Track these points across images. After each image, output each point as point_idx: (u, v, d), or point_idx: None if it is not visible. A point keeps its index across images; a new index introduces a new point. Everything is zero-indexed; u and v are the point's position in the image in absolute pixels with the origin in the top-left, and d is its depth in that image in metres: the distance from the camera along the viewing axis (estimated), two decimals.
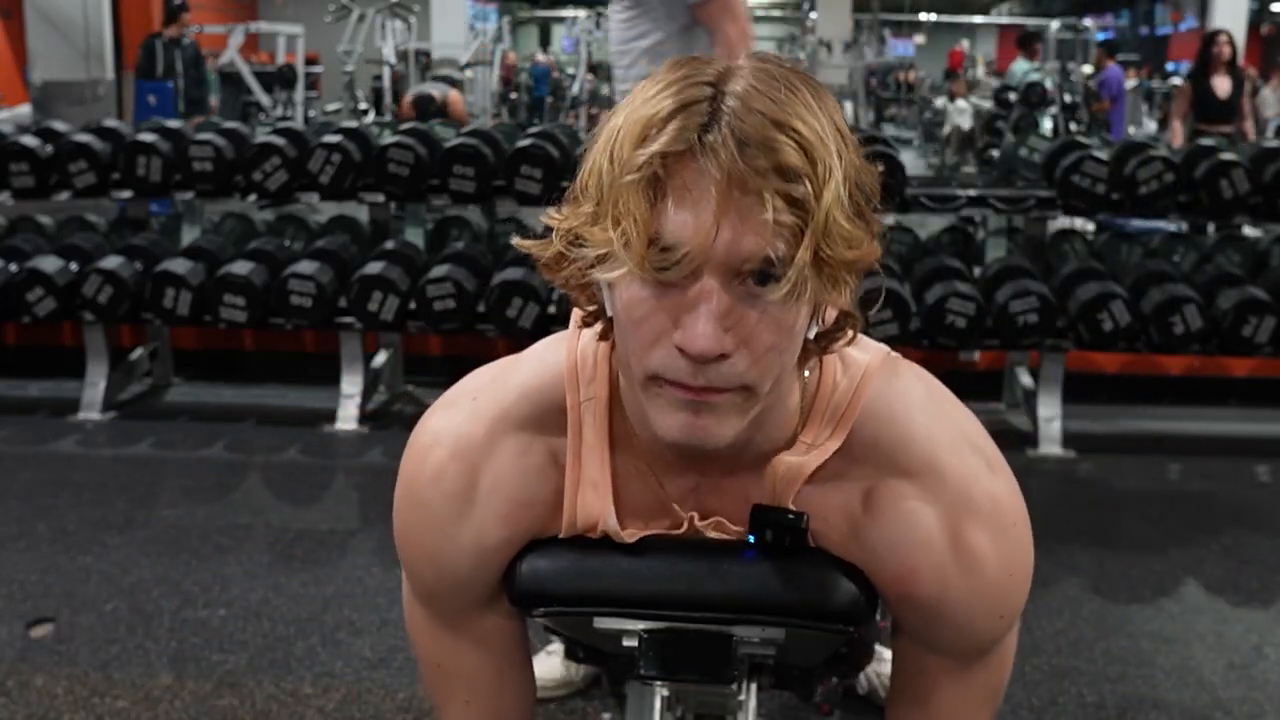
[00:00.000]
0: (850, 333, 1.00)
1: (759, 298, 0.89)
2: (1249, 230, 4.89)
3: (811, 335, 0.98)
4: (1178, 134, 7.16)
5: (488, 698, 1.22)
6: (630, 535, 1.11)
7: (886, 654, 2.33)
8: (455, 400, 1.14)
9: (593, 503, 1.10)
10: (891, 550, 1.07)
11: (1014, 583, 1.09)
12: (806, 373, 1.05)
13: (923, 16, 24.02)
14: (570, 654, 2.22)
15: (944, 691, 1.16)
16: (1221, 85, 6.95)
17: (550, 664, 2.34)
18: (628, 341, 0.95)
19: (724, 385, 0.92)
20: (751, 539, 1.08)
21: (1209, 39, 7.14)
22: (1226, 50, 6.94)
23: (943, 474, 1.06)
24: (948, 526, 1.05)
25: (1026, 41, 11.05)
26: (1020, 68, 10.78)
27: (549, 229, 0.97)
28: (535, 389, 1.10)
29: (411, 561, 1.17)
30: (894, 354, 1.12)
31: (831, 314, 0.99)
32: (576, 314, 1.09)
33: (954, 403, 1.14)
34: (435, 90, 7.21)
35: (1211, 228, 4.97)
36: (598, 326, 1.03)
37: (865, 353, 1.09)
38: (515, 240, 1.01)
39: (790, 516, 1.06)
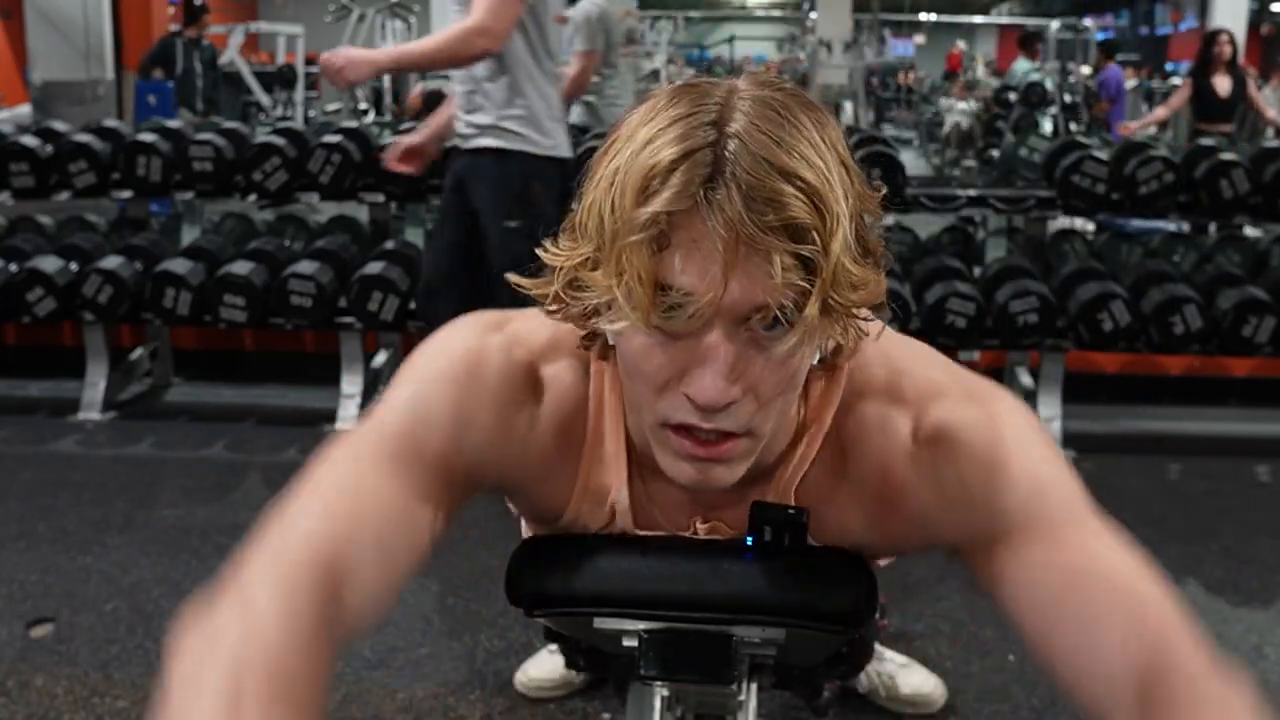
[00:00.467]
0: (851, 350, 0.98)
1: (766, 346, 0.89)
2: (1249, 230, 4.89)
3: (815, 361, 0.97)
4: (1157, 115, 7.21)
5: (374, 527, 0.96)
6: (639, 518, 1.10)
7: (887, 654, 2.33)
8: (508, 314, 1.08)
9: (601, 478, 1.08)
10: (864, 472, 1.03)
11: (1012, 430, 0.98)
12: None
13: (923, 16, 24.02)
14: (571, 664, 2.23)
15: (1047, 571, 0.94)
16: (1222, 84, 6.96)
17: (551, 664, 2.34)
18: (634, 386, 0.95)
19: (731, 429, 0.92)
20: (749, 539, 1.08)
21: (1210, 38, 7.15)
22: (1227, 50, 6.94)
23: (908, 374, 1.04)
24: (914, 417, 1.02)
25: (1028, 42, 11.04)
26: (1021, 67, 10.78)
27: (547, 266, 0.94)
28: (573, 333, 1.05)
29: (433, 410, 1.00)
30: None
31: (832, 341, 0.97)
32: None
33: (917, 343, 1.12)
34: (445, 87, 7.20)
35: (1213, 227, 4.95)
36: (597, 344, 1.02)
37: None
38: (512, 278, 0.98)
39: (790, 512, 1.06)
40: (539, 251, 0.95)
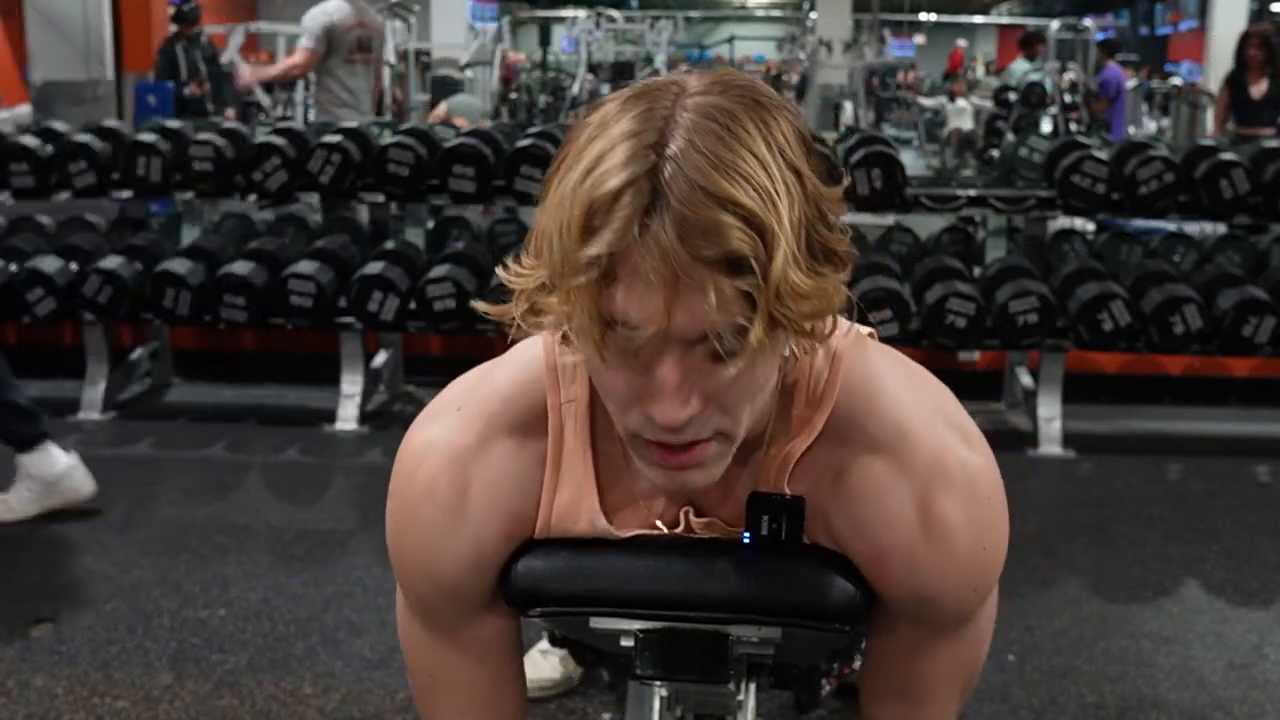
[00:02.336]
0: (828, 330, 0.98)
1: (720, 363, 0.90)
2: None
3: (785, 353, 0.98)
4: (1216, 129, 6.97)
5: (483, 707, 1.22)
6: (621, 529, 1.11)
7: None
8: (441, 410, 1.13)
9: (569, 505, 1.10)
10: (860, 532, 1.07)
11: (987, 556, 1.08)
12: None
13: (923, 16, 24.02)
14: (578, 659, 2.23)
15: (914, 661, 1.16)
16: (1257, 88, 6.85)
17: (549, 664, 2.34)
18: (604, 398, 0.98)
19: (701, 436, 0.94)
20: (747, 535, 1.08)
21: (1242, 41, 7.04)
22: (1256, 53, 6.84)
23: (914, 445, 1.05)
24: (918, 499, 1.05)
25: (1030, 42, 11.01)
26: (1019, 68, 10.77)
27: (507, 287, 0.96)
28: (519, 392, 1.10)
29: (406, 574, 1.16)
30: (862, 329, 1.12)
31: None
32: None
33: (928, 378, 1.14)
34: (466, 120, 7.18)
35: (1224, 227, 4.87)
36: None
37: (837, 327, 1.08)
38: (475, 304, 1.01)
39: (787, 498, 1.06)
40: (500, 271, 0.96)
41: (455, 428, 1.10)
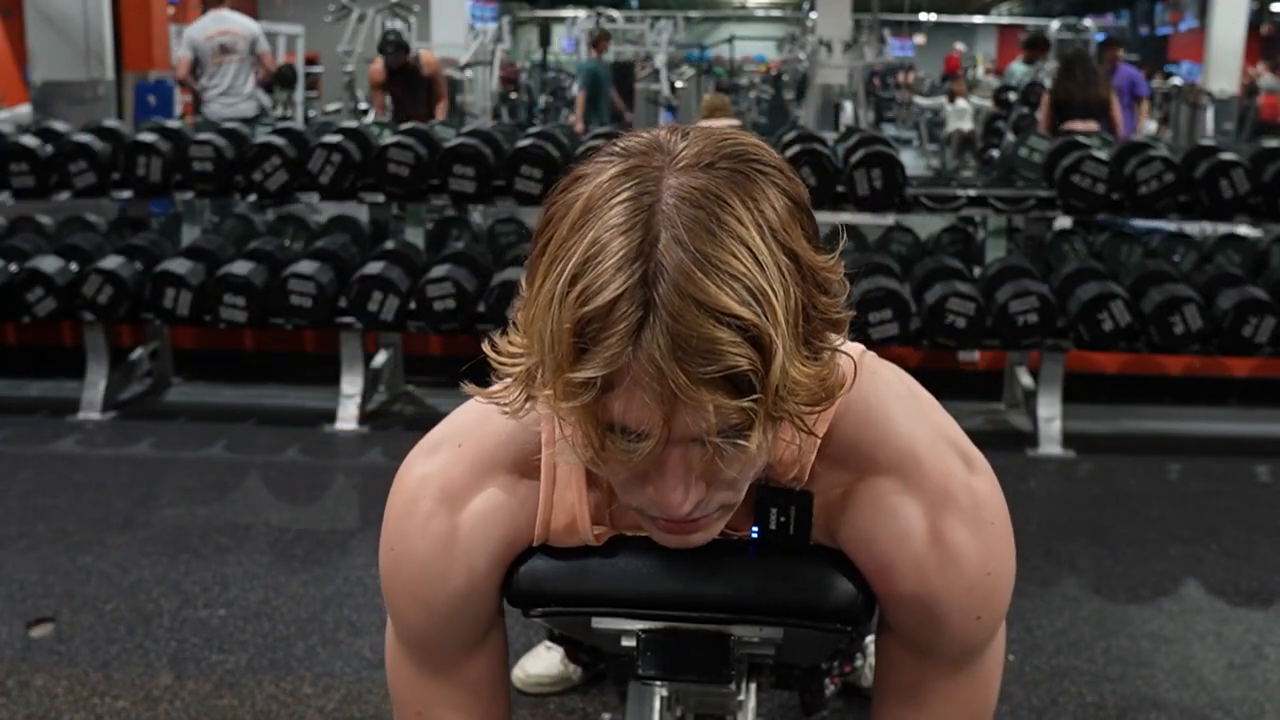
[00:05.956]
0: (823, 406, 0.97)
1: (721, 458, 0.89)
2: (1248, 230, 4.88)
3: None
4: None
5: None
6: (602, 537, 1.12)
7: None
8: (440, 444, 1.13)
9: (562, 532, 1.11)
10: (867, 545, 1.07)
11: (993, 581, 1.08)
12: None
13: (923, 16, 24.02)
14: (574, 659, 2.23)
15: (922, 700, 1.14)
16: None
17: (549, 661, 2.34)
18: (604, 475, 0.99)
19: (704, 515, 0.96)
20: (755, 530, 1.08)
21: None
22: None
23: (922, 468, 1.06)
24: (927, 519, 1.05)
25: (1033, 45, 10.99)
26: (1018, 69, 10.76)
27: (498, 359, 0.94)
28: (519, 429, 1.08)
29: (400, 606, 1.14)
30: (870, 353, 1.13)
31: None
32: None
33: (932, 403, 1.14)
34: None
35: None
36: None
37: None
38: (467, 387, 1.00)
39: (797, 491, 1.06)
40: (485, 346, 0.94)
41: (453, 464, 1.10)
